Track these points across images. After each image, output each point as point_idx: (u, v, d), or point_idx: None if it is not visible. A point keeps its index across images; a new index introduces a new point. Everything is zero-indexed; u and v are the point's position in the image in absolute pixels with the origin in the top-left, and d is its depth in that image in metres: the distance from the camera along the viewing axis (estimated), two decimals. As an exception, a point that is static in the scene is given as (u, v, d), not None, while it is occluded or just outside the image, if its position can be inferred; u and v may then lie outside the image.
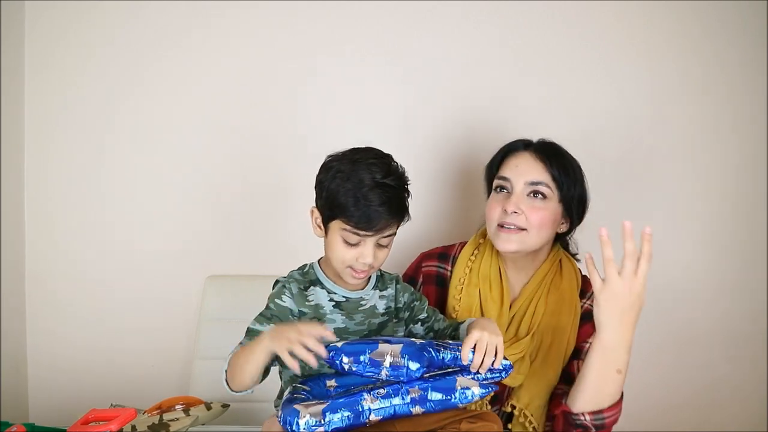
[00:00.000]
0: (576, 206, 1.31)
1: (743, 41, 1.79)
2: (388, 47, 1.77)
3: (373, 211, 1.04)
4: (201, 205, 1.80)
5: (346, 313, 1.14)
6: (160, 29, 1.75)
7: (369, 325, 1.16)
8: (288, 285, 1.14)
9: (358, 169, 1.07)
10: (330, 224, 1.09)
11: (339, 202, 1.06)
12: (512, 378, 1.27)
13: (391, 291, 1.20)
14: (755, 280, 1.84)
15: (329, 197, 1.08)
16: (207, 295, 1.73)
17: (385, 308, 1.18)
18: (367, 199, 1.04)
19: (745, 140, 1.81)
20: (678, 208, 1.82)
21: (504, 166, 1.32)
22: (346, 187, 1.06)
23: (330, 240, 1.10)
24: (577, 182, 1.30)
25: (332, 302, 1.14)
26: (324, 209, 1.10)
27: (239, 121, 1.77)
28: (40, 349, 1.80)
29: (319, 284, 1.15)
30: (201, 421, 1.30)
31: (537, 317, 1.31)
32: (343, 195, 1.06)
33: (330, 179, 1.08)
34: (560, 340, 1.30)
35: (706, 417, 1.84)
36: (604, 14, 1.77)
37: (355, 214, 1.05)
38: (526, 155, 1.31)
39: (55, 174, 1.78)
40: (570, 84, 1.78)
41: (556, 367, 1.29)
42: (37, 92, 1.76)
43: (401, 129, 1.79)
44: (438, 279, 1.39)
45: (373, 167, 1.07)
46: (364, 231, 1.06)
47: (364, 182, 1.05)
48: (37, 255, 1.79)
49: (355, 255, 1.08)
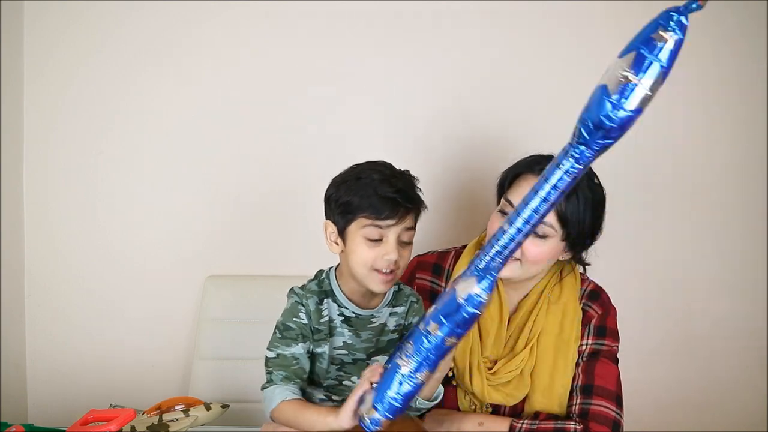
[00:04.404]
0: (581, 243, 1.24)
1: (743, 41, 1.79)
2: (387, 49, 1.77)
3: (391, 197, 1.04)
4: (201, 205, 1.79)
5: (354, 330, 1.13)
6: (160, 29, 1.75)
7: (378, 342, 1.15)
8: (305, 302, 1.12)
9: (365, 171, 1.08)
10: (348, 230, 1.08)
11: (356, 201, 1.06)
12: (508, 396, 1.26)
13: (403, 309, 1.18)
14: (755, 280, 1.84)
15: (344, 203, 1.07)
16: (207, 295, 1.73)
17: (395, 326, 1.17)
18: (384, 188, 1.05)
19: (745, 140, 1.81)
20: (678, 208, 1.82)
21: (513, 188, 1.23)
22: (359, 186, 1.06)
23: (350, 247, 1.08)
24: (587, 221, 1.20)
25: (341, 317, 1.13)
26: (339, 217, 1.09)
27: (239, 121, 1.77)
28: (40, 349, 1.80)
29: (332, 296, 1.14)
30: (200, 421, 1.29)
31: (536, 331, 1.27)
32: (359, 193, 1.06)
33: (339, 188, 1.09)
34: (565, 354, 1.26)
35: (706, 417, 1.84)
36: (604, 16, 1.76)
37: (376, 203, 1.04)
38: None
39: (55, 174, 1.78)
40: (570, 86, 1.78)
41: (565, 383, 1.25)
42: (37, 92, 1.76)
43: (401, 129, 1.79)
44: (432, 295, 1.34)
45: (379, 167, 1.09)
46: (387, 219, 1.04)
47: (376, 178, 1.06)
48: (36, 255, 1.79)
49: (379, 253, 1.05)
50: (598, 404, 1.22)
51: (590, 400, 1.23)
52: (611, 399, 1.23)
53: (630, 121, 0.82)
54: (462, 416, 1.27)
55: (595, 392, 1.23)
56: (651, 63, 0.79)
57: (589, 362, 1.26)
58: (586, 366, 1.26)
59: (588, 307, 1.29)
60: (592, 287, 1.32)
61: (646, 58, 0.80)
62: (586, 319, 1.28)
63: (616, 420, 1.22)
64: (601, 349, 1.27)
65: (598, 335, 1.28)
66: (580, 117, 0.85)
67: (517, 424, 1.23)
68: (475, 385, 1.26)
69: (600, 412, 1.22)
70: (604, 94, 0.82)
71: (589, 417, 1.22)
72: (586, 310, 1.29)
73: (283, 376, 1.08)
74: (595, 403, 1.23)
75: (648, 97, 0.80)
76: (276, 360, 1.09)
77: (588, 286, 1.32)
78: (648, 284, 1.84)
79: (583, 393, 1.24)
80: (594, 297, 1.30)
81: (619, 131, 0.83)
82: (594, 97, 0.83)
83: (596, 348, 1.27)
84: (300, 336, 1.10)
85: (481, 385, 1.26)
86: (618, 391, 1.25)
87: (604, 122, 0.82)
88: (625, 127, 0.83)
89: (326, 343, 1.12)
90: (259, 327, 1.22)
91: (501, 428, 1.23)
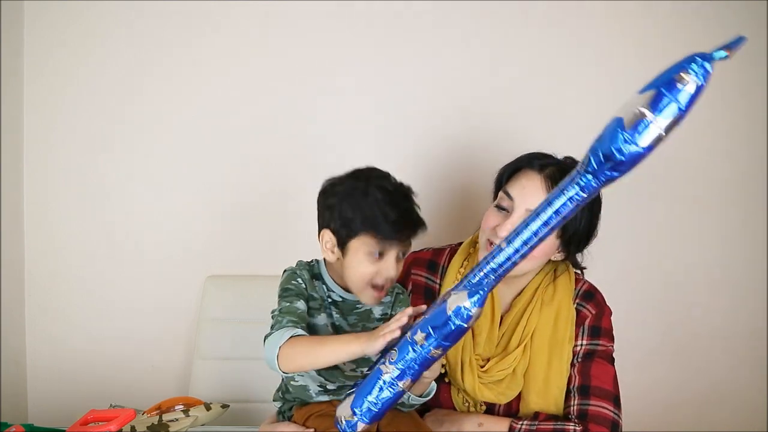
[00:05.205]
0: (576, 243, 1.23)
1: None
2: (388, 50, 1.77)
3: (401, 218, 1.06)
4: (201, 205, 1.79)
5: (341, 312, 1.15)
6: (160, 29, 1.75)
7: (363, 328, 1.16)
8: (299, 271, 1.15)
9: (372, 184, 1.08)
10: (349, 244, 1.08)
11: (364, 217, 1.05)
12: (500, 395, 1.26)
13: (389, 299, 1.19)
14: (755, 280, 1.84)
15: (348, 219, 1.07)
16: (207, 295, 1.73)
17: (381, 314, 1.18)
18: (393, 207, 1.05)
19: (745, 140, 1.81)
20: (678, 207, 1.82)
21: (513, 182, 1.23)
22: (366, 203, 1.06)
23: (350, 260, 1.09)
24: (583, 221, 1.20)
25: (329, 299, 1.15)
26: (341, 229, 1.08)
27: (239, 121, 1.77)
28: (39, 349, 1.80)
29: (321, 279, 1.16)
30: (200, 421, 1.30)
31: (529, 330, 1.26)
32: (365, 211, 1.05)
33: (344, 199, 1.08)
34: (560, 354, 1.25)
35: (706, 417, 1.84)
36: (604, 15, 1.77)
37: (383, 224, 1.05)
38: (537, 179, 1.19)
39: (55, 174, 1.78)
40: (570, 86, 1.78)
41: (560, 383, 1.25)
42: (37, 93, 1.76)
43: (400, 129, 1.79)
44: (426, 291, 1.35)
45: (384, 182, 1.09)
46: (395, 239, 1.06)
47: (384, 195, 1.06)
48: (36, 255, 1.79)
49: (377, 269, 1.07)
50: (596, 405, 1.22)
51: (588, 401, 1.23)
52: (609, 399, 1.23)
53: (640, 157, 0.82)
54: (462, 417, 1.27)
55: (593, 393, 1.23)
56: (669, 103, 0.80)
57: (584, 363, 1.26)
58: (582, 367, 1.26)
59: (582, 308, 1.29)
60: (586, 287, 1.32)
61: (664, 97, 0.80)
62: (580, 319, 1.28)
63: (615, 420, 1.22)
64: (596, 349, 1.27)
65: (592, 335, 1.28)
66: (591, 146, 0.85)
67: (516, 424, 1.23)
68: (466, 382, 1.26)
69: (598, 413, 1.22)
70: (619, 127, 0.82)
71: (587, 418, 1.21)
72: (581, 311, 1.29)
73: (289, 319, 1.05)
74: (593, 404, 1.23)
75: (661, 137, 0.81)
76: (280, 311, 1.08)
77: (583, 287, 1.31)
78: (648, 284, 1.83)
79: (580, 394, 1.24)
80: (588, 297, 1.30)
81: (628, 166, 0.83)
82: (608, 128, 0.83)
83: (591, 348, 1.27)
84: (300, 294, 1.11)
85: (473, 382, 1.26)
86: (615, 391, 1.25)
87: (614, 155, 0.82)
88: (635, 162, 0.83)
89: (321, 313, 1.14)
90: (260, 327, 1.22)
91: (500, 428, 1.23)
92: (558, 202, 0.88)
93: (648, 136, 0.81)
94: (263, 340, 1.04)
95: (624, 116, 0.82)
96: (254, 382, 1.64)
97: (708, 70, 0.80)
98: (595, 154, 0.84)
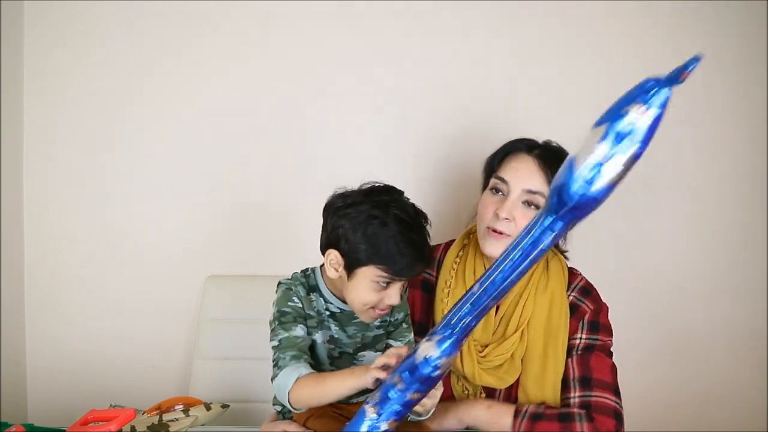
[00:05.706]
0: None
1: (743, 41, 1.79)
2: (388, 50, 1.77)
3: (415, 256, 1.05)
4: (201, 205, 1.80)
5: (339, 324, 1.15)
6: (160, 30, 1.75)
7: (363, 338, 1.16)
8: (294, 288, 1.13)
9: (390, 214, 1.05)
10: (357, 270, 1.06)
11: (378, 250, 1.04)
12: (500, 380, 1.28)
13: None
14: (755, 280, 1.84)
15: (362, 246, 1.04)
16: (207, 295, 1.73)
17: (380, 322, 1.17)
18: (409, 244, 1.04)
19: (745, 141, 1.81)
20: (678, 207, 1.82)
21: (504, 166, 1.28)
22: (384, 234, 1.03)
23: (354, 284, 1.07)
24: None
25: (328, 312, 1.14)
26: (351, 254, 1.06)
27: (239, 122, 1.77)
28: (39, 349, 1.80)
29: (318, 291, 1.15)
30: (200, 421, 1.29)
31: (525, 316, 1.28)
32: (383, 242, 1.03)
33: (359, 226, 1.05)
34: (555, 341, 1.28)
35: (706, 417, 1.84)
36: (604, 15, 1.77)
37: (396, 260, 1.04)
38: (528, 160, 1.25)
39: (54, 174, 1.78)
40: (570, 86, 1.78)
41: (557, 369, 1.27)
42: (37, 93, 1.76)
43: (400, 129, 1.79)
44: (424, 284, 1.37)
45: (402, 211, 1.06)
46: (402, 276, 1.06)
47: (401, 227, 1.04)
48: (36, 255, 1.79)
49: (381, 297, 1.07)
50: (598, 396, 1.24)
51: (590, 392, 1.25)
52: (610, 390, 1.25)
53: (596, 201, 0.74)
54: (468, 402, 1.29)
55: (594, 384, 1.25)
56: (622, 139, 0.71)
57: (584, 355, 1.28)
58: (581, 359, 1.28)
59: (581, 302, 1.31)
60: (583, 283, 1.34)
61: (617, 133, 0.71)
62: (579, 314, 1.30)
63: (617, 410, 1.24)
64: (596, 343, 1.29)
65: (591, 330, 1.30)
66: (551, 185, 0.79)
67: (522, 408, 1.25)
68: (466, 367, 1.28)
69: (601, 404, 1.23)
70: (572, 169, 0.73)
71: (591, 409, 1.23)
72: (579, 305, 1.31)
73: (291, 355, 1.05)
74: (596, 394, 1.24)
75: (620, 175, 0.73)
76: (280, 345, 1.08)
77: (580, 282, 1.34)
78: (648, 284, 1.83)
79: (582, 386, 1.26)
80: (586, 293, 1.33)
81: (586, 209, 0.75)
82: (563, 170, 0.75)
83: (590, 342, 1.29)
84: (298, 318, 1.10)
85: (473, 367, 1.28)
86: (614, 383, 1.27)
87: (571, 199, 0.74)
88: (593, 205, 0.74)
89: (318, 331, 1.13)
90: (259, 327, 1.22)
91: (508, 411, 1.25)
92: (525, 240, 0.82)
93: (601, 179, 0.73)
94: (271, 381, 1.06)
95: (577, 156, 0.74)
96: (254, 382, 1.64)
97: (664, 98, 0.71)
98: (551, 196, 0.77)
